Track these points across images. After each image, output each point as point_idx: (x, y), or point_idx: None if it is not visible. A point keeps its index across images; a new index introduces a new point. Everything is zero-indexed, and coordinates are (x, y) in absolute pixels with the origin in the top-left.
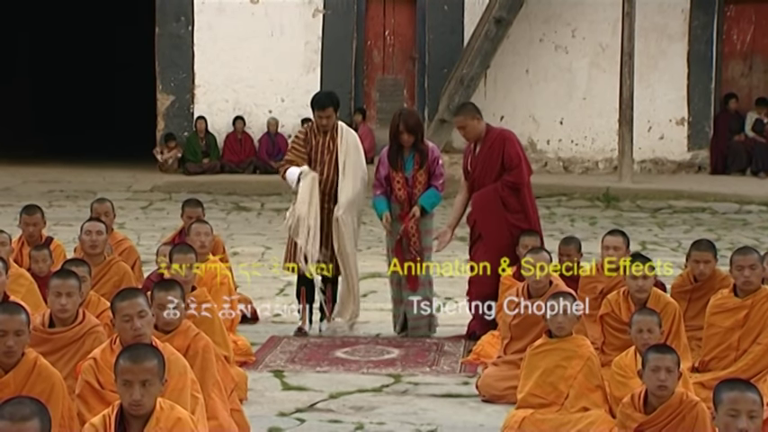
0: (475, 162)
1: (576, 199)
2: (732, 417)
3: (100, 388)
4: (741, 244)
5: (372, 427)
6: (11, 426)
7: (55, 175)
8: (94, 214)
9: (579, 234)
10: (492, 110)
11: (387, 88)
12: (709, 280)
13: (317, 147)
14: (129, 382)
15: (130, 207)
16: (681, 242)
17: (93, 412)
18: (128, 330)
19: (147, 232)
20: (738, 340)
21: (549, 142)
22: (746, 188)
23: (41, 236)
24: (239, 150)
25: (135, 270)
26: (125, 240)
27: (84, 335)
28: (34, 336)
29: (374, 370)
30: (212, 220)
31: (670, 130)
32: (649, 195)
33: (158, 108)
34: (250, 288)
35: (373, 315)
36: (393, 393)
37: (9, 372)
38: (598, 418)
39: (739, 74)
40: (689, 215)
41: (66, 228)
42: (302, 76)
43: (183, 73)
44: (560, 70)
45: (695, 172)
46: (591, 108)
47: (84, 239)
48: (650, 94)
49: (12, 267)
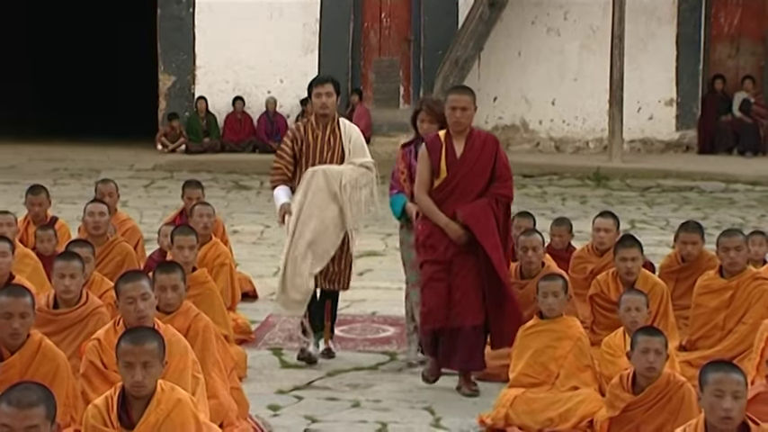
0: (459, 164)
1: (567, 178)
2: (717, 397)
3: (103, 368)
4: (727, 223)
5: (368, 405)
6: (17, 412)
7: (59, 154)
8: (98, 195)
9: (570, 213)
10: (486, 91)
11: (383, 69)
12: (697, 260)
13: (316, 142)
14: (131, 364)
15: (133, 185)
16: (669, 220)
17: (97, 392)
18: (131, 312)
19: (149, 210)
20: (724, 320)
21: (541, 122)
22: (733, 167)
23: (46, 215)
24: (239, 130)
25: (137, 249)
26: (128, 220)
27: (87, 315)
28: (39, 316)
29: (370, 348)
30: (212, 199)
31: (659, 110)
32: (638, 174)
33: (160, 88)
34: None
35: (369, 293)
36: (389, 371)
37: (15, 353)
38: (587, 396)
39: (726, 56)
40: (677, 194)
41: (70, 206)
42: (300, 57)
43: (185, 54)
44: (552, 52)
45: (683, 151)
46: (582, 89)
47: (88, 221)
48: (640, 76)
49: (17, 247)
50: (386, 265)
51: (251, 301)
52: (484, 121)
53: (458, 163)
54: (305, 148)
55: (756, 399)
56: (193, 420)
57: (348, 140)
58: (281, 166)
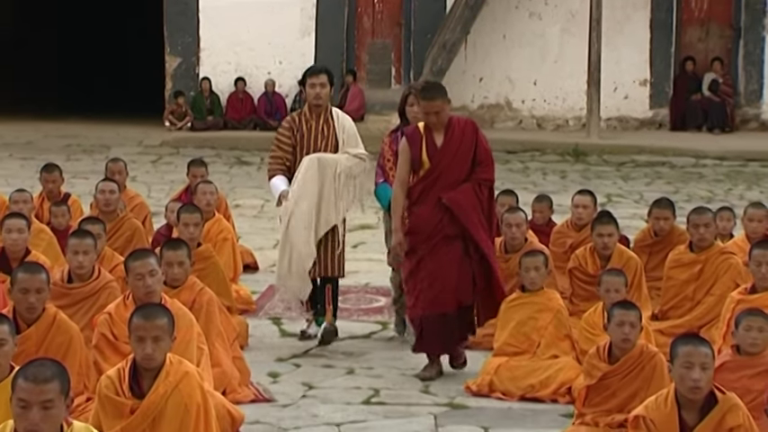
0: (440, 154)
1: (548, 154)
2: (686, 368)
3: (114, 340)
4: (697, 196)
5: (362, 372)
6: (34, 387)
7: (73, 130)
8: (108, 173)
9: (551, 187)
10: (472, 72)
11: (376, 51)
12: (668, 235)
13: (310, 132)
14: (142, 338)
15: (141, 161)
16: (642, 194)
17: (109, 362)
18: (140, 288)
19: (156, 185)
20: (693, 292)
21: (523, 102)
22: (702, 144)
23: (60, 192)
24: (240, 108)
25: (146, 224)
26: (137, 197)
27: (99, 289)
28: (54, 290)
29: (363, 317)
30: (215, 174)
31: (634, 90)
32: (614, 150)
33: (166, 69)
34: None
35: (362, 265)
36: (381, 339)
37: (31, 325)
38: (566, 364)
39: (697, 39)
40: (650, 169)
41: (82, 180)
42: (298, 40)
43: (189, 37)
44: (534, 35)
45: (656, 129)
46: (562, 70)
47: (99, 198)
48: (616, 58)
49: (33, 223)
50: (379, 237)
51: (252, 272)
52: (470, 100)
53: (439, 153)
54: (299, 137)
55: (723, 367)
56: (199, 391)
57: (341, 130)
58: (279, 156)
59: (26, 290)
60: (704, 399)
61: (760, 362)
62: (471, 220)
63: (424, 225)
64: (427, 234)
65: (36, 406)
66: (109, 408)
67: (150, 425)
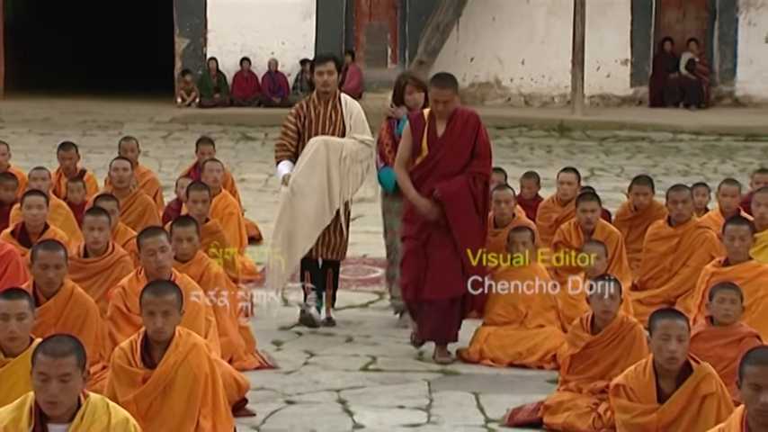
0: (439, 143)
1: (534, 130)
2: (664, 340)
3: (127, 311)
4: (674, 170)
5: (360, 340)
6: (52, 361)
7: (88, 107)
8: (121, 151)
9: (537, 161)
10: (463, 52)
11: (373, 33)
12: (648, 209)
13: (318, 118)
14: (153, 313)
15: (153, 137)
16: (623, 168)
17: (122, 332)
18: (151, 263)
19: (167, 160)
20: (671, 263)
21: (512, 80)
22: (679, 119)
23: (76, 168)
24: (246, 87)
25: (156, 199)
26: (148, 173)
27: (113, 263)
28: (71, 265)
29: (361, 288)
30: (222, 149)
31: (615, 69)
32: (597, 126)
33: (176, 50)
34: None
35: (360, 237)
36: (378, 309)
37: (50, 298)
38: (551, 333)
39: (675, 20)
40: (630, 143)
41: (97, 155)
42: (300, 22)
43: (197, 19)
44: (522, 17)
45: (636, 105)
46: (548, 50)
47: (113, 175)
48: (599, 38)
49: (51, 199)
50: (376, 210)
51: (257, 244)
52: (462, 79)
53: (438, 142)
54: (307, 123)
55: (698, 337)
56: (207, 361)
57: (349, 116)
58: (285, 143)
59: (45, 266)
60: (680, 368)
61: (732, 332)
62: (459, 212)
63: (417, 213)
64: (422, 222)
65: (55, 379)
66: (122, 377)
67: (161, 393)
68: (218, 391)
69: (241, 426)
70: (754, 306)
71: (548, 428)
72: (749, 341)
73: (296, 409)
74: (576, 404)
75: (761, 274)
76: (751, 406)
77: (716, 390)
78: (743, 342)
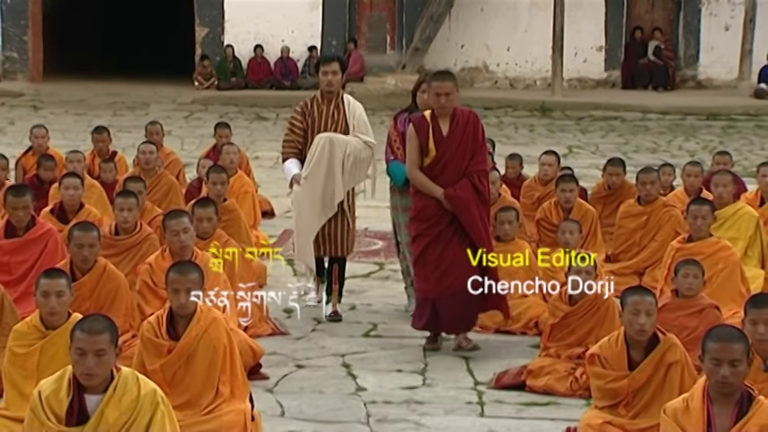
0: (447, 142)
1: (519, 110)
2: (634, 315)
3: (154, 286)
4: (644, 147)
5: (362, 308)
6: (88, 337)
7: (118, 90)
8: (147, 134)
9: (521, 139)
10: (455, 40)
11: (373, 22)
12: (620, 188)
13: (321, 117)
14: (177, 290)
15: (175, 117)
16: (598, 146)
17: (150, 304)
18: (175, 242)
19: (189, 138)
20: (640, 238)
21: (498, 65)
22: (648, 101)
23: (108, 150)
24: (259, 71)
25: (179, 178)
26: (171, 154)
27: (141, 241)
28: (103, 242)
29: (363, 259)
30: (238, 129)
31: (591, 55)
32: (575, 107)
33: (196, 38)
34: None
35: (361, 212)
36: (378, 279)
37: (85, 274)
38: (534, 303)
39: (644, 11)
40: (604, 122)
41: (126, 134)
42: (308, 12)
43: (215, 10)
44: (508, 8)
45: (610, 88)
46: (531, 38)
47: (141, 158)
48: (576, 28)
49: (86, 179)
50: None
51: (269, 218)
52: (453, 64)
53: (445, 141)
54: (311, 121)
55: (664, 308)
56: (225, 333)
57: (352, 116)
58: (291, 140)
59: (81, 245)
60: (648, 339)
61: (694, 303)
62: (471, 215)
63: (430, 212)
64: (434, 221)
65: (91, 354)
66: (150, 348)
67: (184, 362)
68: (235, 361)
69: (256, 388)
70: (714, 278)
71: (530, 390)
72: (709, 312)
73: (305, 372)
74: (555, 369)
75: (720, 249)
76: (712, 378)
77: (680, 358)
78: (703, 312)
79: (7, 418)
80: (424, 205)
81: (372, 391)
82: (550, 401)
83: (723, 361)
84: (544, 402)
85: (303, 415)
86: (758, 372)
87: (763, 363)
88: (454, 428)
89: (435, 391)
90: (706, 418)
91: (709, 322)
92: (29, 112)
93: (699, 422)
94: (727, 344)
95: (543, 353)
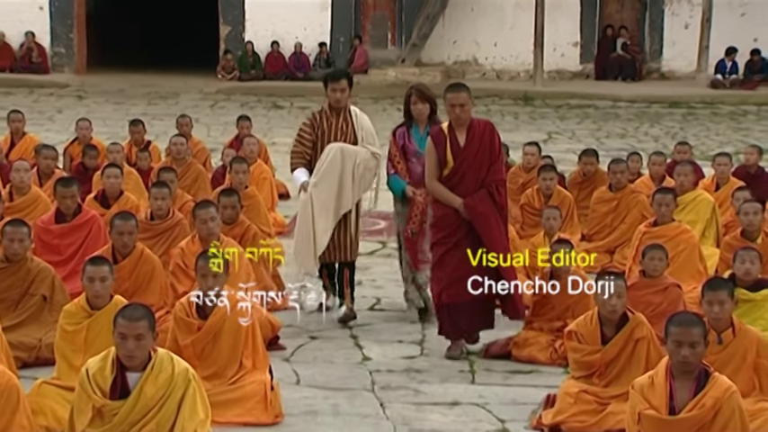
0: (464, 153)
1: (504, 99)
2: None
3: (185, 267)
4: (614, 132)
5: (368, 283)
6: (129, 323)
7: (152, 81)
8: (178, 126)
9: (506, 126)
10: (448, 37)
11: (376, 21)
12: (594, 175)
13: (330, 129)
14: (206, 275)
15: (202, 105)
16: (575, 132)
17: (182, 284)
18: (203, 229)
19: (214, 126)
20: (611, 221)
21: (486, 59)
22: (618, 90)
23: (143, 140)
24: (276, 65)
25: (206, 165)
26: (200, 143)
27: (173, 225)
28: (141, 226)
29: (367, 238)
30: (257, 117)
31: (568, 50)
32: (554, 96)
33: (220, 35)
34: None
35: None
36: (381, 256)
37: (125, 258)
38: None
39: (615, 11)
40: (580, 110)
41: (159, 122)
42: (318, 12)
43: (237, 10)
44: (495, 9)
45: (585, 79)
46: (515, 35)
47: (172, 149)
48: (555, 26)
49: (124, 167)
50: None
51: (285, 200)
52: (447, 58)
53: (463, 152)
54: (320, 133)
55: (633, 286)
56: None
57: (360, 128)
58: (300, 151)
59: (121, 233)
60: (619, 318)
61: (659, 282)
62: (489, 227)
63: (448, 220)
64: (452, 229)
65: (131, 338)
66: (182, 326)
67: (212, 339)
68: (256, 337)
69: (274, 358)
70: (676, 258)
71: (515, 360)
72: (672, 289)
73: (318, 343)
74: (537, 341)
75: (681, 232)
76: (674, 358)
77: (646, 334)
78: (667, 290)
79: (59, 386)
80: (443, 214)
81: (377, 361)
82: (533, 370)
83: (684, 343)
84: (528, 371)
85: (316, 383)
86: (713, 344)
87: (718, 336)
88: (449, 395)
89: (431, 360)
90: (668, 392)
91: (672, 299)
92: (74, 102)
93: (662, 396)
94: (687, 328)
95: (527, 326)
